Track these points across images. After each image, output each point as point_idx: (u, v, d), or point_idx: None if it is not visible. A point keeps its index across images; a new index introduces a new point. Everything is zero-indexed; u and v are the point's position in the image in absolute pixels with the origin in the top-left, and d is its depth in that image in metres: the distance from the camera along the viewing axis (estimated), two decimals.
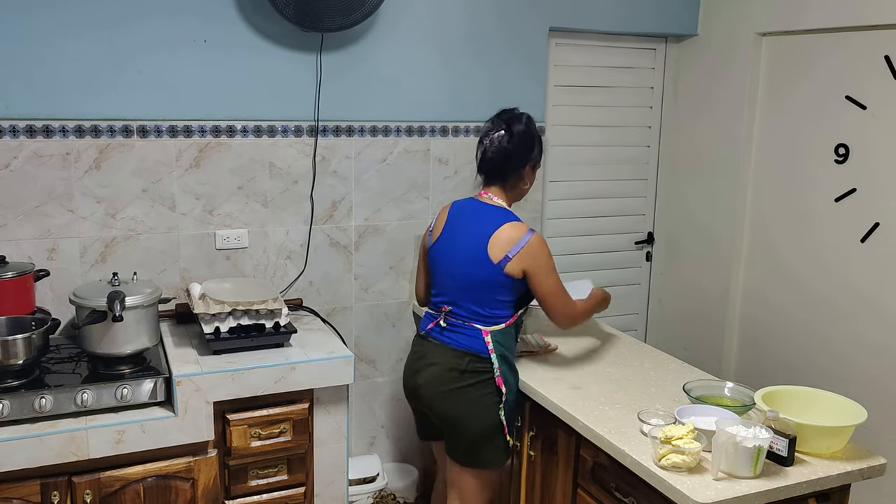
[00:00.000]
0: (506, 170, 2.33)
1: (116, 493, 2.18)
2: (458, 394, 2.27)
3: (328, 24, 2.67)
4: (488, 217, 2.29)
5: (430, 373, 2.32)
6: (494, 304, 2.28)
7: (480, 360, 2.27)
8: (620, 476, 1.96)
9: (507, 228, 2.24)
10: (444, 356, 2.30)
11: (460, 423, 2.29)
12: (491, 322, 2.28)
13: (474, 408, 2.27)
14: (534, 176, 2.40)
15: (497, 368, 2.26)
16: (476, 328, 2.28)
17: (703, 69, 3.44)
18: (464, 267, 2.28)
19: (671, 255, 3.69)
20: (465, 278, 2.28)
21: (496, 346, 2.27)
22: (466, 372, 2.26)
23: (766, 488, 1.75)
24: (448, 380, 2.28)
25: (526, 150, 2.32)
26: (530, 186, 2.41)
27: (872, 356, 2.82)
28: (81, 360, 2.36)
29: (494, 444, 2.30)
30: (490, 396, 2.27)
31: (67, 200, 2.56)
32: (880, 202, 2.77)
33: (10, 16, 2.41)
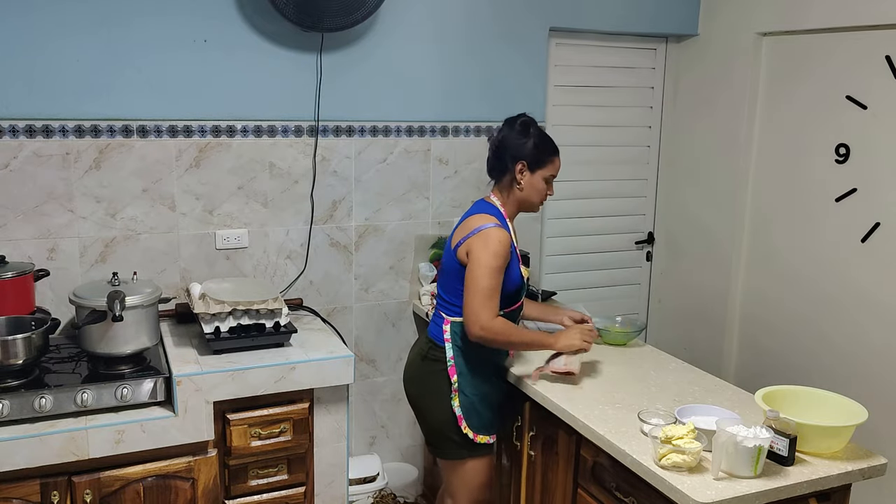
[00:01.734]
0: (496, 167, 2.35)
1: (116, 493, 2.18)
2: (417, 379, 2.39)
3: (328, 24, 2.67)
4: (473, 209, 2.35)
5: (408, 357, 2.49)
6: (454, 293, 2.30)
7: (437, 347, 2.32)
8: (620, 476, 1.96)
9: (474, 218, 2.28)
10: (419, 342, 2.45)
11: (419, 411, 2.40)
12: (453, 312, 2.31)
13: (429, 395, 2.34)
14: (533, 180, 2.30)
15: (451, 358, 2.28)
16: (441, 316, 2.34)
17: (703, 69, 3.44)
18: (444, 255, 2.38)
19: (671, 255, 3.69)
20: (442, 265, 2.37)
21: (452, 337, 2.29)
22: (427, 359, 2.34)
23: (766, 488, 1.75)
24: (413, 365, 2.41)
25: (515, 146, 2.28)
26: (529, 192, 2.31)
27: (873, 356, 2.82)
28: (81, 360, 2.36)
29: (451, 436, 2.32)
30: (444, 387, 2.30)
31: (67, 200, 2.56)
32: (880, 202, 2.76)
33: (11, 16, 2.41)
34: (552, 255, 3.45)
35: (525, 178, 2.30)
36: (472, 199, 3.17)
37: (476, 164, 3.17)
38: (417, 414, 2.44)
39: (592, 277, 3.57)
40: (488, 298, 2.16)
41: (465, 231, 2.25)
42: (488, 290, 2.16)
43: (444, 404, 2.30)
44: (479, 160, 3.16)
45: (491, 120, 3.16)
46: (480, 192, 3.19)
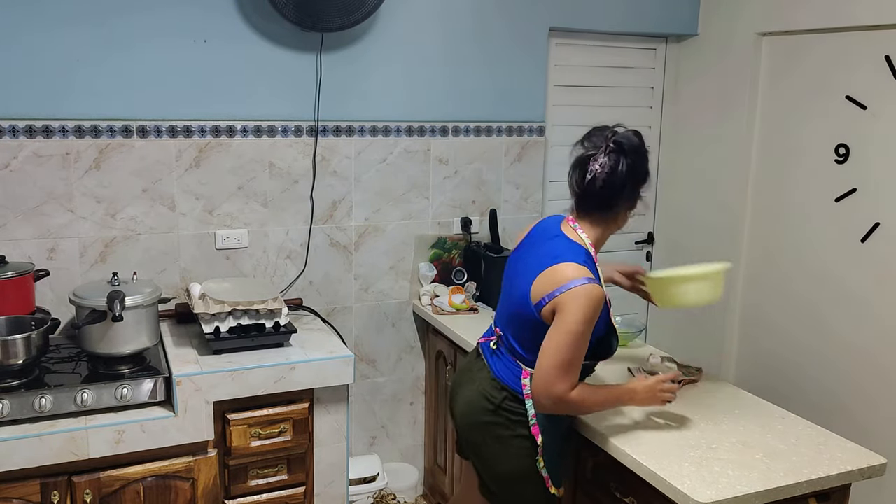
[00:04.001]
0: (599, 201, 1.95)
1: (116, 493, 2.18)
2: (488, 429, 2.00)
3: (328, 23, 2.67)
4: (555, 249, 1.94)
5: (467, 394, 2.07)
6: (531, 348, 1.94)
7: (516, 400, 1.97)
8: (620, 476, 1.96)
9: (562, 267, 1.87)
10: (483, 381, 2.04)
11: (488, 461, 2.04)
12: (533, 365, 1.93)
13: (506, 449, 1.99)
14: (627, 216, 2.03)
15: (533, 416, 1.94)
16: (518, 365, 1.98)
17: (703, 69, 3.44)
18: (515, 297, 1.98)
19: (671, 255, 3.69)
20: (513, 311, 2.00)
21: None
22: (501, 409, 1.98)
23: (765, 488, 1.75)
24: (480, 410, 2.01)
25: (634, 182, 1.94)
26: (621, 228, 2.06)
27: (872, 355, 2.81)
28: (81, 360, 2.36)
29: (526, 493, 2.01)
30: (522, 442, 1.97)
31: (67, 200, 2.56)
32: (880, 202, 2.76)
33: (11, 16, 2.41)
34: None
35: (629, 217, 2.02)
36: (471, 199, 3.19)
37: (476, 164, 3.17)
38: (478, 459, 2.08)
39: None
40: (568, 371, 1.84)
41: (551, 285, 1.85)
42: (571, 361, 1.84)
43: (522, 462, 1.98)
44: (479, 160, 3.18)
45: (491, 120, 3.16)
46: (481, 192, 3.20)
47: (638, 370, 2.39)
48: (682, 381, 2.33)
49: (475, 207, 3.21)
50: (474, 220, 3.19)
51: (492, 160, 3.20)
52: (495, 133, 3.19)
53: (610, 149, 1.91)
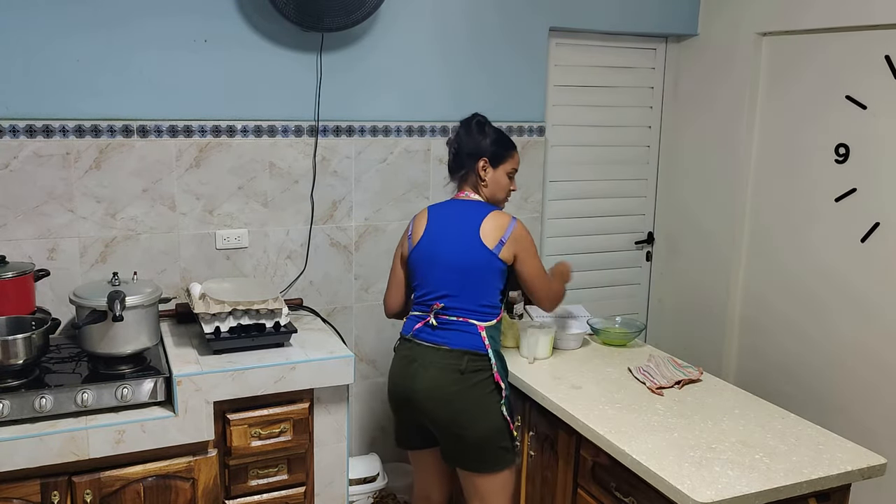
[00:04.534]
0: (459, 167, 2.38)
1: (116, 493, 2.18)
2: (461, 396, 2.19)
3: (328, 23, 2.68)
4: (472, 210, 2.32)
5: (428, 377, 2.22)
6: (490, 294, 2.27)
7: (479, 357, 2.22)
8: (620, 476, 1.96)
9: (494, 216, 2.28)
10: (440, 358, 2.22)
11: (467, 428, 2.20)
12: (485, 317, 2.26)
13: (480, 409, 2.20)
14: (497, 175, 2.37)
15: (494, 364, 2.23)
16: (472, 324, 2.24)
17: (703, 69, 3.44)
18: (459, 256, 2.26)
19: (671, 255, 3.70)
20: (463, 266, 2.25)
21: (491, 342, 2.24)
22: (467, 372, 2.20)
23: (765, 488, 1.75)
24: (449, 382, 2.20)
25: (475, 144, 2.35)
26: (494, 187, 2.38)
27: (872, 355, 2.82)
28: (81, 360, 2.36)
29: (503, 443, 2.24)
30: (492, 395, 2.22)
31: (67, 200, 2.56)
32: (880, 202, 2.77)
33: (11, 16, 2.41)
34: (552, 254, 3.45)
35: (489, 175, 2.36)
36: None
37: None
38: (456, 435, 2.23)
39: (592, 277, 3.57)
40: (546, 276, 2.37)
41: (497, 231, 2.25)
42: (544, 269, 2.36)
43: (493, 413, 2.22)
44: None
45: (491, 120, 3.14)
46: None
47: None
48: (682, 380, 2.34)
49: None
50: None
51: None
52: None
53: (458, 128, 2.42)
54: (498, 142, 2.38)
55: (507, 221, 2.28)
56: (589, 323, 2.75)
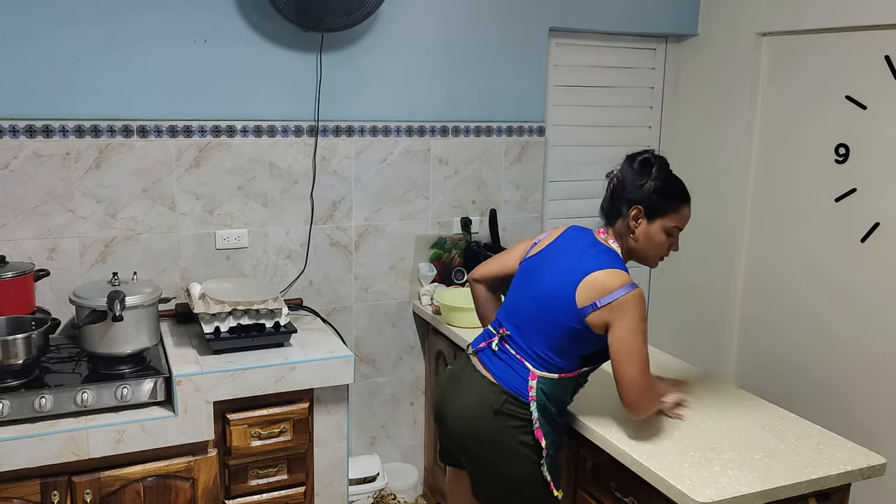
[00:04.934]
0: (609, 208, 2.03)
1: (116, 493, 2.18)
2: (490, 435, 1.97)
3: (328, 23, 2.68)
4: (595, 255, 1.96)
5: (461, 404, 2.03)
6: (558, 350, 1.96)
7: (518, 404, 1.96)
8: (620, 476, 1.96)
9: (606, 274, 1.90)
10: (480, 388, 2.00)
11: (490, 469, 2.01)
12: (543, 366, 1.96)
13: (510, 455, 1.97)
14: (652, 230, 1.98)
15: (536, 420, 1.95)
16: (525, 366, 1.97)
17: (703, 69, 3.44)
18: (545, 297, 1.96)
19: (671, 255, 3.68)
20: (541, 309, 1.96)
21: (539, 395, 1.95)
22: (501, 414, 1.95)
23: (765, 488, 1.75)
24: (480, 417, 1.98)
25: (632, 186, 1.97)
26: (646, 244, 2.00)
27: (872, 355, 2.82)
28: (81, 360, 2.36)
29: (531, 497, 2.00)
30: (526, 447, 1.96)
31: (67, 200, 2.56)
32: (880, 202, 2.76)
33: (10, 15, 2.41)
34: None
35: (640, 228, 1.97)
36: (471, 199, 3.19)
37: (476, 165, 3.17)
38: (485, 474, 2.04)
39: None
40: (648, 372, 1.90)
41: (600, 292, 1.88)
42: (647, 360, 1.89)
43: (526, 467, 1.97)
44: (479, 160, 3.18)
45: (491, 120, 3.16)
46: (481, 192, 3.20)
47: None
48: None
49: (475, 207, 3.21)
50: (474, 220, 3.20)
51: (492, 160, 3.20)
52: (495, 133, 3.19)
53: (622, 163, 2.03)
54: (663, 190, 1.96)
55: (617, 284, 1.87)
56: None
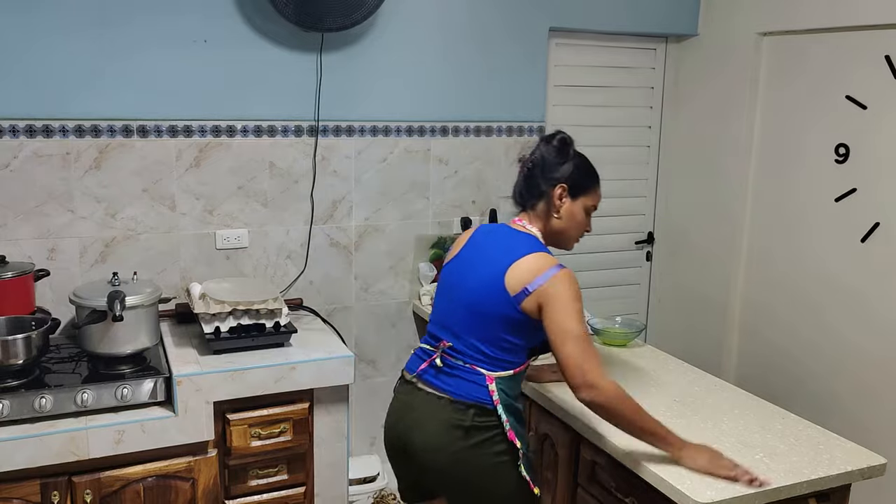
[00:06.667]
0: (529, 189, 1.99)
1: (116, 493, 2.18)
2: (468, 456, 1.87)
3: (328, 24, 2.68)
4: (515, 243, 1.93)
5: (427, 433, 1.90)
6: (503, 345, 1.90)
7: (485, 412, 1.88)
8: (620, 476, 1.96)
9: (534, 258, 1.87)
10: (441, 410, 1.90)
11: (481, 491, 1.90)
12: (497, 366, 1.90)
13: (493, 470, 1.89)
14: (574, 208, 1.97)
15: (506, 421, 1.88)
16: (479, 372, 1.89)
17: (703, 69, 3.44)
18: (474, 295, 1.91)
19: (671, 255, 3.69)
20: (475, 305, 1.90)
21: (501, 396, 1.89)
22: (473, 428, 1.87)
23: (766, 488, 1.75)
24: (452, 440, 1.87)
25: (551, 165, 1.96)
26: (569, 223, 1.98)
27: (872, 355, 2.82)
28: (81, 360, 2.36)
29: None
30: (505, 455, 1.89)
31: (67, 200, 2.56)
32: (880, 202, 2.76)
33: (10, 15, 2.41)
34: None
35: (565, 206, 1.96)
36: (471, 199, 3.19)
37: (476, 164, 3.17)
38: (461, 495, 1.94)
39: (592, 277, 3.57)
40: (588, 348, 1.78)
41: (529, 275, 1.84)
42: (583, 337, 1.79)
43: (510, 475, 1.90)
44: (479, 160, 3.18)
45: (491, 120, 3.16)
46: (481, 192, 3.20)
47: None
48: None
49: (475, 207, 3.21)
50: (474, 220, 3.19)
51: (492, 160, 3.20)
52: (495, 133, 3.19)
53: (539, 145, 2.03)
54: (582, 168, 1.99)
55: (545, 266, 1.84)
56: (589, 323, 2.74)
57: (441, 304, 2.02)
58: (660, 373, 2.45)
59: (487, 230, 2.05)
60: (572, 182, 1.96)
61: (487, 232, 2.04)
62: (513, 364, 1.92)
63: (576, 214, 1.99)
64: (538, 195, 1.98)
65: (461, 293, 1.95)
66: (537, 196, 1.98)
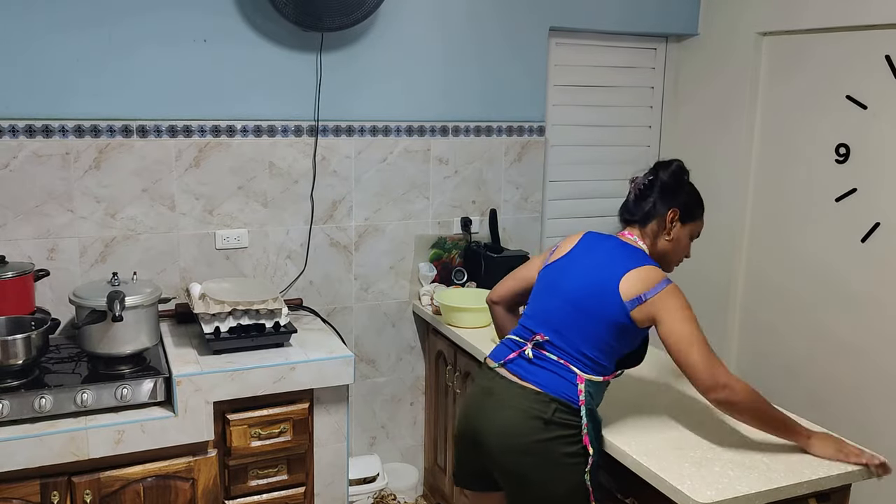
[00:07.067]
0: (642, 208, 2.05)
1: (116, 493, 2.18)
2: (540, 449, 1.88)
3: (328, 23, 2.67)
4: (630, 253, 1.98)
5: (504, 417, 1.92)
6: (602, 349, 1.92)
7: (569, 410, 1.89)
8: (620, 476, 1.96)
9: (647, 270, 1.93)
10: (523, 399, 1.91)
11: (538, 486, 1.90)
12: (590, 368, 1.92)
13: (558, 468, 1.88)
14: (682, 233, 2.06)
15: (585, 425, 1.88)
16: (572, 371, 1.91)
17: (704, 69, 3.44)
18: (585, 295, 1.94)
19: None
20: (583, 303, 1.93)
21: (587, 398, 1.90)
22: (552, 423, 1.87)
23: (766, 488, 1.75)
24: (529, 430, 1.88)
25: (668, 190, 2.04)
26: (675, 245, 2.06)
27: (873, 355, 2.81)
28: (81, 360, 2.35)
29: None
30: (576, 457, 1.89)
31: (67, 200, 2.56)
32: (880, 202, 2.76)
33: (10, 15, 2.41)
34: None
35: (676, 228, 2.04)
36: (471, 199, 3.19)
37: (476, 164, 3.17)
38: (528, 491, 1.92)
39: None
40: (710, 352, 1.85)
41: (646, 285, 1.89)
42: (705, 342, 1.85)
43: (573, 476, 1.88)
44: (479, 160, 3.18)
45: (491, 120, 3.16)
46: (481, 192, 3.20)
47: None
48: None
49: (475, 207, 3.21)
50: (474, 220, 3.20)
51: (492, 160, 3.20)
52: (495, 133, 3.19)
53: (648, 170, 2.09)
54: (693, 196, 2.09)
55: (658, 278, 1.91)
56: None
57: (543, 300, 2.05)
58: (660, 373, 2.45)
59: (599, 238, 2.10)
60: (685, 208, 2.05)
61: (598, 239, 2.09)
62: (605, 370, 1.95)
63: (682, 239, 2.07)
64: (652, 215, 2.04)
65: (568, 292, 1.98)
66: (650, 216, 2.05)
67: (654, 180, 2.06)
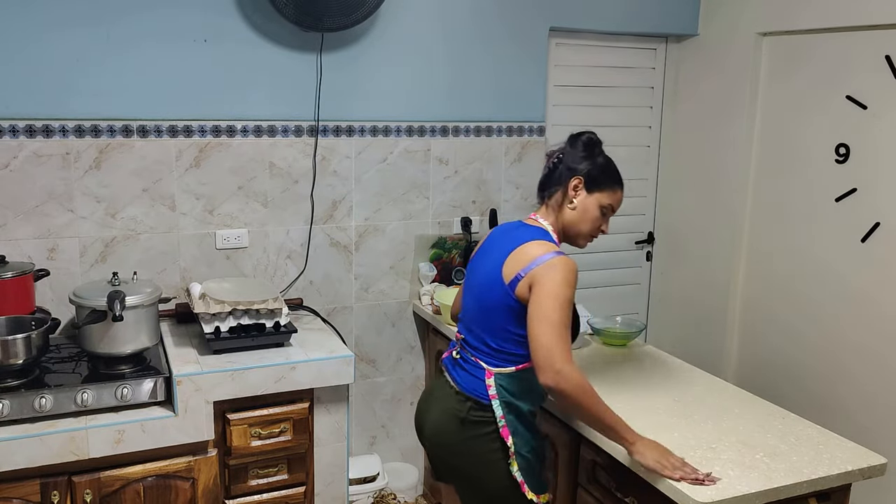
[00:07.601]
0: (548, 179, 2.03)
1: (116, 493, 2.18)
2: (464, 448, 1.94)
3: (328, 23, 2.68)
4: (520, 234, 1.96)
5: (433, 419, 2.03)
6: (505, 337, 1.91)
7: (480, 407, 1.92)
8: (620, 476, 1.96)
9: (531, 245, 1.89)
10: (447, 399, 2.00)
11: (474, 481, 1.97)
12: (498, 361, 1.92)
13: (485, 465, 1.93)
14: (589, 202, 1.98)
15: (501, 418, 1.90)
16: (480, 367, 1.94)
17: (703, 69, 3.44)
18: (480, 288, 1.97)
19: (671, 255, 3.69)
20: (480, 302, 1.96)
21: (499, 392, 1.91)
22: (467, 422, 1.93)
23: (766, 488, 1.75)
24: (452, 430, 1.96)
25: (573, 159, 1.99)
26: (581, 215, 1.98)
27: (873, 355, 2.82)
28: (81, 360, 2.36)
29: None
30: (497, 452, 1.92)
31: (67, 200, 2.56)
32: (880, 202, 2.77)
33: (10, 15, 2.41)
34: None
35: (579, 198, 1.98)
36: (471, 199, 3.19)
37: (476, 164, 3.17)
38: (467, 487, 2.00)
39: (592, 277, 3.57)
40: (562, 335, 1.77)
41: (523, 262, 1.86)
42: (561, 323, 1.77)
43: (500, 471, 1.92)
44: (479, 160, 3.18)
45: (491, 120, 3.16)
46: (481, 192, 3.20)
47: None
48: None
49: (475, 207, 3.21)
50: (474, 220, 3.20)
51: (492, 160, 3.20)
52: (495, 133, 3.19)
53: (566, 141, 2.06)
54: (603, 168, 1.99)
55: (541, 252, 1.85)
56: (589, 323, 2.75)
57: (464, 301, 2.09)
58: (660, 373, 2.45)
59: (503, 227, 2.10)
60: (589, 176, 1.98)
61: (502, 229, 2.09)
62: (516, 359, 1.92)
63: (589, 209, 1.99)
64: (556, 185, 2.01)
65: (474, 289, 2.03)
66: (554, 185, 2.01)
67: (563, 151, 2.03)
